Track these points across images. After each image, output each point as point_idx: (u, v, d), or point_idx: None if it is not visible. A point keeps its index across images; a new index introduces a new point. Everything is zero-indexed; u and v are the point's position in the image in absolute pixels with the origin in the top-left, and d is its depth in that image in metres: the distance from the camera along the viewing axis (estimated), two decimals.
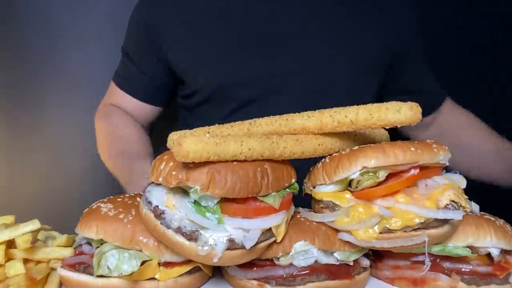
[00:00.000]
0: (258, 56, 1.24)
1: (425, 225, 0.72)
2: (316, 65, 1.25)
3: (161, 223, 0.71)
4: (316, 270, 0.77)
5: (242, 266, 0.77)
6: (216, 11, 1.27)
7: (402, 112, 0.72)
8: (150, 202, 0.73)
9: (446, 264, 0.79)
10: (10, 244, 0.77)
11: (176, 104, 1.44)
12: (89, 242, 0.78)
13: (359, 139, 0.85)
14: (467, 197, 0.78)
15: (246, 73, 1.24)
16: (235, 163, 0.70)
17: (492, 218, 0.81)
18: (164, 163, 0.72)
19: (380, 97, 1.38)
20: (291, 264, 0.76)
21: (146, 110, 1.41)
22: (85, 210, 0.81)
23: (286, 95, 1.24)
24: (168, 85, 1.37)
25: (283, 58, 1.24)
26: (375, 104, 0.74)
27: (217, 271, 0.84)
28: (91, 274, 0.74)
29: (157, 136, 1.39)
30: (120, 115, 1.39)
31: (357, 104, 0.76)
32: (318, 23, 1.27)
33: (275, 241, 0.75)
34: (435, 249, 0.77)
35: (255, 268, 0.78)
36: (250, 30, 1.25)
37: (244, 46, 1.24)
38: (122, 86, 1.40)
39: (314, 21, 1.27)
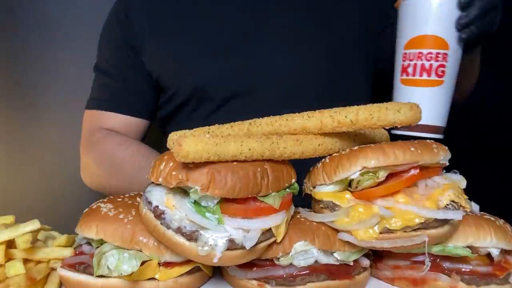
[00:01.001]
0: (232, 53, 1.22)
1: (425, 225, 0.72)
2: (292, 58, 1.24)
3: (161, 223, 0.71)
4: (316, 270, 0.77)
5: (242, 266, 0.76)
6: (187, 9, 1.25)
7: (402, 112, 0.72)
8: (150, 202, 0.73)
9: (446, 264, 0.79)
10: (10, 244, 0.77)
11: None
12: (89, 242, 0.78)
13: (359, 139, 0.85)
14: (467, 197, 0.78)
15: (221, 70, 1.22)
16: (235, 163, 0.70)
17: (492, 218, 0.81)
18: (164, 163, 0.72)
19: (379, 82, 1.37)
20: (291, 264, 0.76)
21: (136, 126, 1.31)
22: (85, 210, 0.81)
23: (265, 89, 1.22)
24: (152, 95, 1.31)
25: (259, 53, 1.22)
26: (375, 104, 0.75)
27: (217, 271, 0.84)
28: (91, 274, 0.74)
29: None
30: (113, 135, 1.26)
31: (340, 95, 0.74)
32: (292, 16, 1.26)
33: (275, 241, 0.75)
34: (435, 249, 0.77)
35: (255, 268, 0.78)
36: (223, 26, 1.23)
37: (217, 44, 1.22)
38: (107, 107, 1.28)
39: (287, 14, 1.26)
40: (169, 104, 1.30)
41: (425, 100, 0.89)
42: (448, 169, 0.82)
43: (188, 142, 0.64)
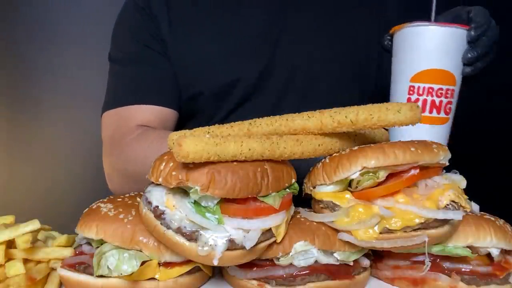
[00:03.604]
0: (257, 54, 1.21)
1: (425, 225, 0.72)
2: (315, 59, 1.24)
3: (161, 224, 0.71)
4: (316, 270, 0.77)
5: (242, 266, 0.76)
6: (209, 9, 1.23)
7: (402, 113, 0.72)
8: (150, 202, 0.73)
9: (446, 264, 0.79)
10: (10, 244, 0.77)
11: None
12: (89, 242, 0.78)
13: (359, 139, 0.85)
14: (467, 197, 0.78)
15: (246, 71, 1.21)
16: (235, 163, 0.70)
17: (492, 218, 0.81)
18: (164, 163, 0.72)
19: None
20: (291, 264, 0.76)
21: (171, 119, 1.21)
22: (85, 210, 0.81)
23: (286, 89, 1.22)
24: (178, 85, 1.22)
25: (283, 53, 1.22)
26: (376, 105, 0.75)
27: (217, 271, 0.84)
28: (91, 274, 0.74)
29: None
30: (152, 130, 1.13)
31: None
32: (316, 17, 1.26)
33: (275, 241, 0.75)
34: (435, 249, 0.77)
35: (255, 268, 0.78)
36: (246, 27, 1.22)
37: (242, 44, 1.21)
38: (137, 99, 1.14)
39: (311, 15, 1.26)
40: (190, 104, 1.24)
41: (432, 139, 0.81)
42: (448, 169, 0.82)
43: (188, 142, 0.64)
